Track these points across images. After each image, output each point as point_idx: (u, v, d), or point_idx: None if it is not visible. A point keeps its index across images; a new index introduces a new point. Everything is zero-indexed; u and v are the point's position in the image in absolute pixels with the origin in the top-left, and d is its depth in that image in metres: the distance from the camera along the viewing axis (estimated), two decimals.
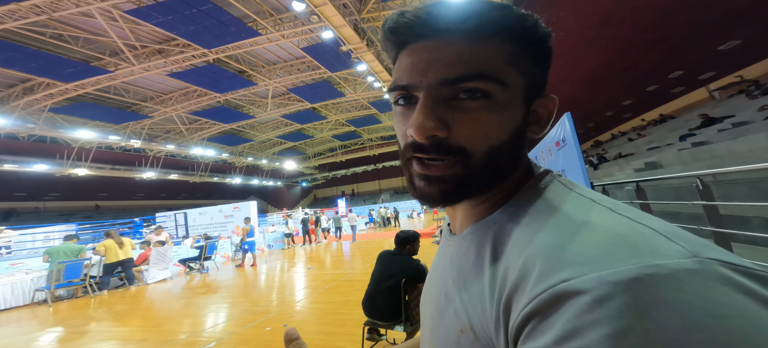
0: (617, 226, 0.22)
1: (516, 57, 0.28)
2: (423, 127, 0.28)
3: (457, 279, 0.31)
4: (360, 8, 8.68)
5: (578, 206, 0.26)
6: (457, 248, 0.33)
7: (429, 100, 0.28)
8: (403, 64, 0.31)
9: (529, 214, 0.27)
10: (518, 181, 0.32)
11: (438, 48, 0.28)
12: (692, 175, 2.59)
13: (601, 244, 0.21)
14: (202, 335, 3.18)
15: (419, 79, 0.29)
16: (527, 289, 0.22)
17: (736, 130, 5.35)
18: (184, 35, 8.84)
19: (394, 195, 35.81)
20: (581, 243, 0.22)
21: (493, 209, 0.31)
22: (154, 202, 26.00)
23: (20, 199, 20.43)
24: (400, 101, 0.31)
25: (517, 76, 0.29)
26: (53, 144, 15.40)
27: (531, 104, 0.31)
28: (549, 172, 0.32)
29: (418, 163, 0.30)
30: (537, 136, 0.32)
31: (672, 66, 8.97)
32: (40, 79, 10.16)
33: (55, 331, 3.82)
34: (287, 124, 19.80)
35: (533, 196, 0.29)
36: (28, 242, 8.86)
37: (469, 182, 0.29)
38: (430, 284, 0.38)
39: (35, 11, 7.43)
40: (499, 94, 0.28)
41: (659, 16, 6.15)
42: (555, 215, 0.25)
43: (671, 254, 0.18)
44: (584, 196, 0.27)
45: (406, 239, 2.25)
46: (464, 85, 0.27)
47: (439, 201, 0.30)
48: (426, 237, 9.37)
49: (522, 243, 0.25)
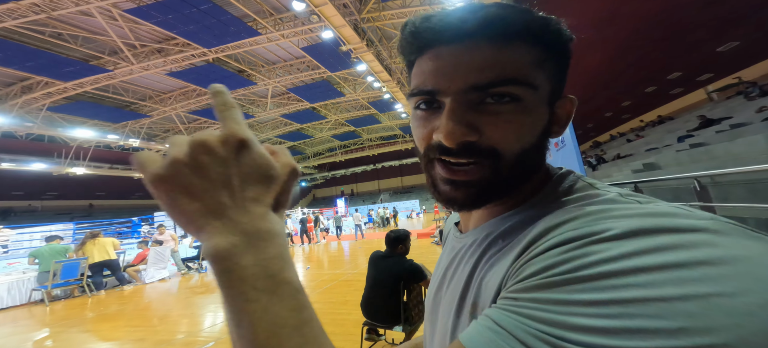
0: (646, 205, 0.23)
1: (542, 60, 0.29)
2: (454, 134, 0.28)
3: (473, 267, 0.31)
4: (360, 8, 8.68)
5: (610, 200, 0.26)
6: (473, 240, 0.33)
7: (458, 106, 0.28)
8: (425, 69, 0.30)
9: (556, 208, 0.27)
10: (539, 181, 0.32)
11: (465, 53, 0.28)
12: (690, 176, 2.59)
13: (629, 212, 0.22)
14: (200, 335, 3.17)
15: (446, 85, 0.29)
16: (536, 245, 0.24)
17: (733, 132, 5.38)
18: (183, 34, 8.81)
19: (393, 195, 35.80)
20: (607, 213, 0.23)
21: (513, 208, 0.32)
22: (153, 202, 25.88)
23: (18, 198, 20.35)
24: (422, 106, 0.31)
25: (544, 79, 0.29)
26: (51, 143, 15.33)
27: (554, 106, 0.31)
28: (571, 172, 0.32)
29: (443, 166, 0.30)
30: (557, 136, 0.33)
31: (671, 67, 9.01)
32: (39, 78, 10.11)
33: (52, 331, 3.80)
34: (287, 124, 19.77)
35: (560, 193, 0.29)
36: (25, 241, 8.82)
37: (496, 185, 0.29)
38: (439, 284, 0.38)
39: (34, 10, 7.39)
40: (530, 97, 0.28)
41: (658, 17, 6.18)
42: (583, 204, 0.26)
43: (692, 216, 0.21)
44: (609, 190, 0.28)
45: (397, 239, 2.22)
46: (494, 90, 0.27)
47: (466, 206, 0.30)
48: (424, 237, 9.37)
49: (544, 224, 0.26)
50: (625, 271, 0.18)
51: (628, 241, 0.19)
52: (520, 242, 0.26)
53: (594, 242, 0.20)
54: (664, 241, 0.19)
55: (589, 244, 0.20)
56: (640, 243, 0.19)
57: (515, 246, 0.27)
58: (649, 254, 0.18)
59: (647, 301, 0.16)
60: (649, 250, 0.18)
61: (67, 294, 5.67)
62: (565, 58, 0.31)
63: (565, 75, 0.32)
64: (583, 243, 0.21)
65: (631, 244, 0.19)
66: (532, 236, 0.25)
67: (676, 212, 0.21)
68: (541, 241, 0.24)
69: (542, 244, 0.23)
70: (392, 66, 11.54)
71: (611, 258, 0.19)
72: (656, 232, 0.19)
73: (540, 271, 0.21)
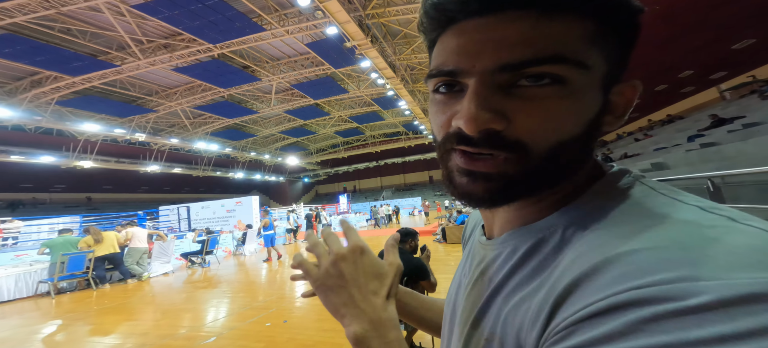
0: (745, 236, 0.17)
1: (598, 34, 0.23)
2: (477, 119, 0.23)
3: (493, 287, 0.27)
4: (364, 4, 8.61)
5: (681, 214, 0.20)
6: (496, 254, 0.29)
7: (483, 88, 0.24)
8: (447, 47, 0.26)
9: (604, 220, 0.22)
10: (584, 181, 0.27)
11: (495, 26, 0.23)
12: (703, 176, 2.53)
13: (731, 254, 0.16)
14: (202, 330, 3.19)
15: (470, 64, 0.24)
16: (587, 293, 0.18)
17: (746, 131, 5.25)
18: (189, 30, 8.86)
19: (396, 192, 35.81)
20: (695, 253, 0.17)
21: (547, 212, 0.27)
22: (158, 196, 26.28)
23: (26, 190, 20.75)
24: (442, 89, 0.27)
25: (599, 58, 0.23)
26: (59, 136, 15.58)
27: (609, 92, 0.25)
28: (628, 171, 0.26)
29: (461, 155, 0.26)
30: (612, 129, 0.27)
31: (683, 65, 8.81)
32: (48, 73, 10.25)
33: (57, 324, 3.86)
34: (290, 120, 19.83)
35: (608, 199, 0.24)
36: (33, 233, 8.98)
37: (522, 182, 0.25)
38: (458, 289, 0.35)
39: (44, 6, 7.48)
40: (578, 79, 0.23)
41: (671, 13, 6.03)
42: (646, 223, 0.20)
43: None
44: (687, 203, 0.21)
45: (407, 233, 2.31)
46: (532, 70, 0.23)
47: (485, 201, 0.26)
48: (426, 234, 9.35)
49: (589, 249, 0.20)
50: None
51: (733, 316, 0.14)
52: (560, 272, 0.21)
53: (678, 313, 0.14)
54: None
55: (671, 315, 0.15)
56: (752, 320, 0.13)
57: (552, 275, 0.22)
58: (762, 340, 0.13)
59: None
60: (762, 331, 0.13)
61: (72, 287, 5.74)
62: (632, 34, 0.25)
63: (629, 55, 0.26)
64: (663, 312, 0.15)
65: (736, 322, 0.13)
66: (580, 272, 0.19)
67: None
68: (595, 286, 0.18)
69: (601, 300, 0.17)
70: (396, 63, 11.47)
71: (702, 341, 0.13)
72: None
73: (599, 342, 0.16)
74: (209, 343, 2.81)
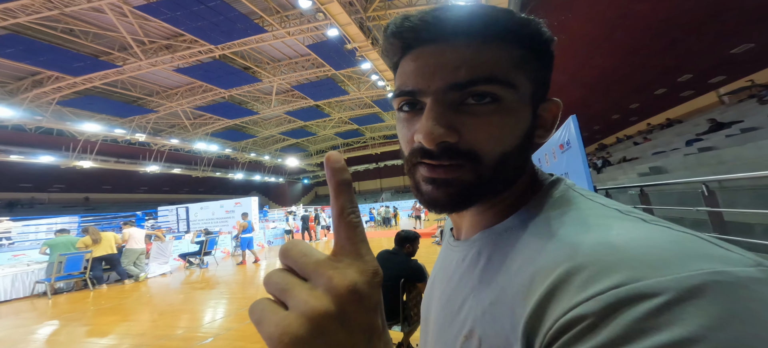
0: (662, 234, 0.21)
1: (523, 60, 0.28)
2: (432, 134, 0.27)
3: (465, 285, 0.30)
4: (365, 6, 8.66)
5: (604, 215, 0.25)
6: (465, 254, 0.32)
7: (437, 106, 0.28)
8: (407, 70, 0.30)
9: (551, 221, 0.26)
10: (526, 186, 0.32)
11: (444, 52, 0.28)
12: (698, 180, 2.54)
13: (658, 248, 0.19)
14: (199, 331, 3.19)
15: (426, 84, 0.28)
16: (569, 293, 0.20)
17: (744, 136, 5.27)
18: (191, 31, 8.89)
19: (395, 194, 35.78)
20: (634, 247, 0.20)
21: (502, 215, 0.31)
22: (156, 196, 26.23)
23: (25, 190, 20.72)
24: (405, 107, 0.31)
25: (525, 80, 0.28)
26: (59, 136, 15.58)
27: (537, 108, 0.31)
28: (562, 180, 0.31)
29: (425, 167, 0.29)
30: (543, 140, 0.32)
31: (682, 69, 8.85)
32: (50, 73, 10.26)
33: (53, 325, 3.85)
34: (290, 121, 19.85)
35: (551, 204, 0.28)
36: (30, 233, 8.96)
37: (478, 187, 0.28)
38: (434, 288, 0.37)
39: (48, 6, 7.51)
40: (509, 97, 0.28)
41: (670, 18, 6.06)
42: (584, 222, 0.24)
43: (736, 262, 0.18)
44: (606, 205, 0.26)
45: (405, 238, 2.26)
46: (473, 89, 0.27)
47: (448, 206, 0.29)
48: (426, 237, 9.34)
49: (550, 249, 0.23)
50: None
51: (691, 308, 0.16)
52: (530, 273, 0.23)
53: (660, 310, 0.17)
54: (726, 307, 0.16)
55: (654, 312, 0.17)
56: (706, 312, 0.16)
57: (520, 274, 0.24)
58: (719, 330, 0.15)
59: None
60: (718, 326, 0.15)
61: (69, 287, 5.72)
62: (548, 60, 0.30)
63: (549, 77, 0.31)
64: (648, 311, 0.17)
65: (698, 315, 0.16)
66: (540, 266, 0.22)
67: (717, 254, 0.18)
68: (575, 286, 0.20)
69: (585, 303, 0.19)
70: (393, 71, 11.52)
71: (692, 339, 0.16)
72: (709, 291, 0.16)
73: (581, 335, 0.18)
74: (206, 344, 2.81)
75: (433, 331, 0.33)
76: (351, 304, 0.17)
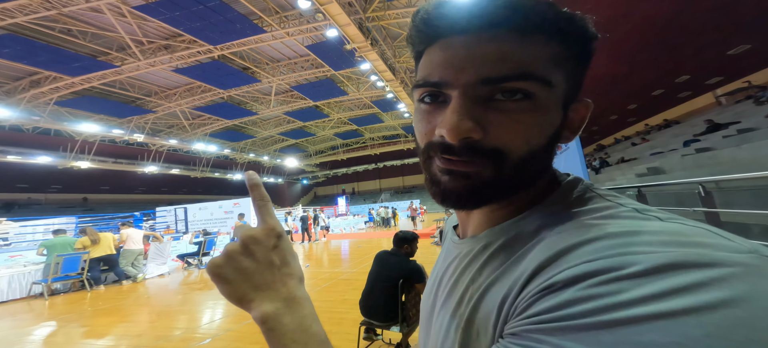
0: (671, 226, 0.21)
1: (562, 57, 0.27)
2: (458, 128, 0.25)
3: (467, 277, 0.30)
4: (365, 7, 8.67)
5: (619, 215, 0.24)
6: (470, 248, 0.32)
7: (464, 100, 0.26)
8: (434, 60, 0.28)
9: (565, 221, 0.25)
10: (545, 187, 0.30)
11: (478, 43, 0.26)
12: (694, 181, 2.56)
13: (655, 239, 0.20)
14: (197, 332, 3.18)
15: (455, 77, 0.27)
16: (547, 273, 0.21)
17: (741, 137, 5.30)
18: (190, 31, 8.87)
19: (395, 194, 35.77)
20: (630, 238, 0.20)
21: (515, 214, 0.30)
22: (155, 197, 26.15)
23: (22, 191, 20.61)
24: (426, 99, 0.29)
25: (561, 78, 0.27)
26: (57, 136, 15.52)
27: (568, 108, 0.29)
28: (580, 180, 0.30)
29: (442, 159, 0.28)
30: (568, 142, 0.30)
31: (680, 70, 8.89)
32: (48, 73, 10.23)
33: (50, 326, 3.82)
34: (289, 122, 19.83)
35: (568, 204, 0.27)
36: (28, 234, 8.91)
37: (498, 186, 0.27)
38: (434, 290, 0.36)
39: (46, 6, 7.48)
40: (543, 95, 0.26)
41: (668, 19, 6.09)
42: (592, 223, 0.24)
43: (730, 248, 0.18)
44: (624, 205, 0.25)
45: (404, 239, 2.25)
46: (507, 85, 0.25)
47: (464, 199, 0.28)
48: (424, 237, 9.34)
49: (553, 244, 0.23)
50: (653, 317, 0.16)
51: (658, 279, 0.17)
52: (527, 262, 0.24)
53: (619, 278, 0.18)
54: (696, 278, 0.17)
55: (613, 280, 0.18)
56: (671, 281, 0.17)
57: (520, 264, 0.25)
58: (680, 296, 0.16)
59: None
60: (679, 289, 0.17)
61: (66, 288, 5.67)
62: (586, 58, 0.29)
63: (584, 76, 0.30)
64: (607, 279, 0.18)
65: (661, 283, 0.17)
66: (544, 258, 0.23)
67: (710, 242, 0.19)
68: (555, 267, 0.21)
69: (558, 274, 0.20)
70: (396, 65, 11.52)
71: (639, 300, 0.17)
72: (688, 267, 0.17)
73: (557, 308, 0.19)
74: (204, 345, 2.80)
75: (435, 330, 0.33)
76: (252, 244, 0.30)
